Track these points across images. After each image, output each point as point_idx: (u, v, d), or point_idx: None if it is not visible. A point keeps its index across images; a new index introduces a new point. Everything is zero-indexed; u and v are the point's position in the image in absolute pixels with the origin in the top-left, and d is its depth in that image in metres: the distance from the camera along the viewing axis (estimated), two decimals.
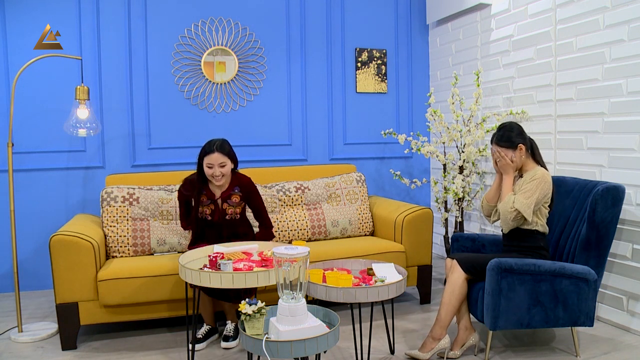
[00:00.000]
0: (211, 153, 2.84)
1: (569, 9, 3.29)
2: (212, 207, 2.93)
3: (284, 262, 1.97)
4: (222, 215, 2.94)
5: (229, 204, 2.95)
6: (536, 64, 3.58)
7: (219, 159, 2.84)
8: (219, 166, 2.85)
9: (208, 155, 2.84)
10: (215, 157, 2.84)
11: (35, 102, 3.84)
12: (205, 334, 2.92)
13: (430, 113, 3.96)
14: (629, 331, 2.98)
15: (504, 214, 2.67)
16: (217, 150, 2.84)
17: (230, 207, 2.95)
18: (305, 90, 4.45)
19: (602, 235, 2.65)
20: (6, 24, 3.76)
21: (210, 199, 2.93)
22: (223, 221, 2.96)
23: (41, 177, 3.89)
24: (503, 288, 2.51)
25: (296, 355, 1.89)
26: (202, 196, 2.93)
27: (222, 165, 2.86)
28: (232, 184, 2.99)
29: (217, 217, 2.94)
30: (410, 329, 3.10)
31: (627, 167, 2.96)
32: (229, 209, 2.94)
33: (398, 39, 4.72)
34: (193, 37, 4.13)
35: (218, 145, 2.86)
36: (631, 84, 2.92)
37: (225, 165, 2.87)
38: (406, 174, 4.75)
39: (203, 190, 2.94)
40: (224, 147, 2.87)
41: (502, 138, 2.74)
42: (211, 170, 2.85)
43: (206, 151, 2.86)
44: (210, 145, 2.86)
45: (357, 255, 3.25)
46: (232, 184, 2.99)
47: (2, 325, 3.22)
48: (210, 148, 2.85)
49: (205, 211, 2.92)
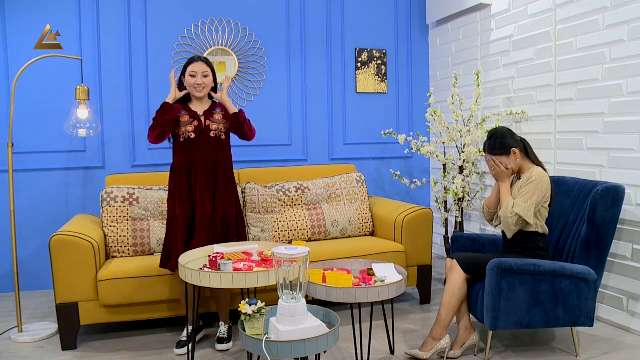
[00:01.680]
0: (195, 62, 2.85)
1: (569, 9, 3.29)
2: (196, 124, 2.84)
3: (284, 262, 1.97)
4: (207, 132, 2.84)
5: (212, 120, 2.87)
6: (536, 64, 3.58)
7: (203, 67, 2.85)
8: (202, 75, 2.84)
9: (192, 64, 2.84)
10: (199, 66, 2.84)
11: (35, 102, 3.84)
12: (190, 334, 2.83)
13: (430, 113, 3.96)
14: (629, 331, 2.98)
15: (505, 220, 2.66)
16: (200, 60, 2.86)
17: (214, 123, 2.87)
18: (305, 91, 4.45)
19: (602, 236, 2.65)
20: (6, 24, 3.76)
21: (193, 116, 2.85)
22: (208, 139, 2.85)
23: (41, 177, 3.89)
24: (503, 288, 2.51)
25: (296, 355, 1.89)
26: (182, 117, 2.84)
27: (205, 74, 2.85)
28: (214, 104, 2.96)
29: (200, 132, 2.83)
30: (410, 329, 3.10)
31: (627, 167, 2.96)
32: (212, 124, 2.86)
33: (398, 39, 4.73)
34: (193, 37, 4.13)
35: (202, 57, 2.89)
36: (631, 84, 2.92)
37: (208, 75, 2.87)
38: (406, 174, 4.75)
39: (182, 110, 2.87)
40: (207, 60, 2.90)
41: (494, 146, 2.73)
42: (194, 79, 2.83)
43: (190, 61, 2.87)
44: (194, 57, 2.89)
45: (357, 255, 3.25)
46: (214, 104, 2.96)
47: (2, 325, 3.22)
48: (194, 58, 2.87)
49: (188, 129, 2.82)
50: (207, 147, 2.85)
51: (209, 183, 2.85)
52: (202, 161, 2.83)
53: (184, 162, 2.84)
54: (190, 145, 2.83)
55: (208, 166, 2.84)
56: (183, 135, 2.82)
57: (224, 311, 2.98)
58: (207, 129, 2.85)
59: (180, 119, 2.83)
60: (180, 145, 2.85)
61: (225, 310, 2.99)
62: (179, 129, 2.83)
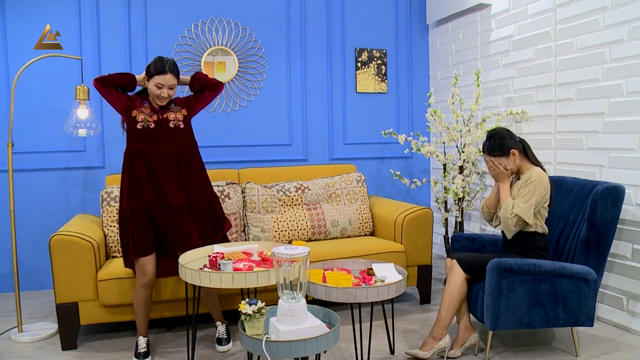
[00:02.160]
0: (164, 74, 2.66)
1: (569, 9, 3.29)
2: (155, 118, 2.74)
3: (284, 262, 1.97)
4: (166, 123, 2.75)
5: (171, 110, 2.79)
6: (536, 64, 3.58)
7: (171, 81, 2.69)
8: (168, 88, 2.71)
9: (160, 76, 2.66)
10: (168, 79, 2.67)
11: (35, 102, 3.84)
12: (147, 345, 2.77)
13: (430, 113, 3.96)
14: (629, 331, 2.98)
15: (504, 221, 2.66)
16: (170, 71, 2.67)
17: (172, 112, 2.77)
18: (305, 90, 4.46)
19: (602, 235, 2.65)
20: (6, 24, 3.76)
21: (153, 110, 2.76)
22: (168, 129, 2.75)
23: (41, 177, 3.89)
24: (503, 288, 2.51)
25: (296, 355, 1.89)
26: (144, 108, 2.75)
27: (171, 87, 2.71)
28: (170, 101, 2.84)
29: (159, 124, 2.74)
30: (410, 329, 3.10)
31: (627, 167, 2.96)
32: (170, 114, 2.76)
33: (398, 39, 4.73)
34: (193, 37, 4.13)
35: (171, 66, 2.69)
36: (631, 84, 2.92)
37: (174, 87, 2.74)
38: (406, 174, 4.75)
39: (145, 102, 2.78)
40: (176, 69, 2.72)
41: (492, 147, 2.73)
42: (159, 90, 2.69)
43: (158, 70, 2.67)
44: (163, 65, 2.67)
45: (357, 255, 3.25)
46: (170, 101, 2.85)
47: (2, 325, 3.22)
48: (164, 68, 2.66)
49: (148, 119, 2.71)
50: (167, 138, 2.76)
51: (173, 173, 2.76)
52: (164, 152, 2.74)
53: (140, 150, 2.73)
54: (149, 135, 2.73)
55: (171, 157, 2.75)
56: (142, 122, 2.71)
57: (217, 310, 2.97)
58: (165, 120, 2.76)
59: (141, 109, 2.73)
60: (137, 132, 2.73)
61: (217, 309, 2.97)
62: (137, 114, 2.72)
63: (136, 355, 2.70)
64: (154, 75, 2.69)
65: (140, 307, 2.77)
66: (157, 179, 2.73)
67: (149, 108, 2.76)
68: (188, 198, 2.80)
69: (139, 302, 2.76)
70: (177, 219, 2.77)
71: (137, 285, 2.75)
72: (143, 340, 2.75)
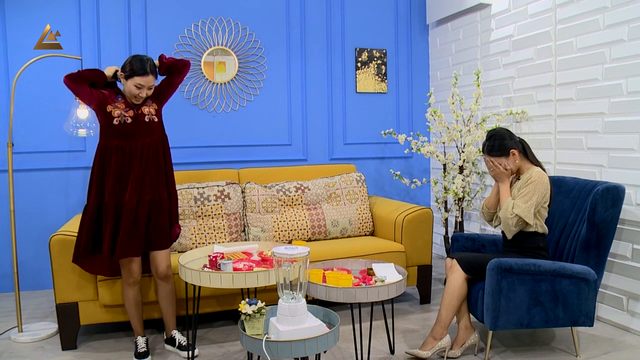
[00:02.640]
0: (145, 75, 2.61)
1: (569, 9, 3.29)
2: (132, 113, 2.69)
3: (284, 262, 1.97)
4: (142, 117, 2.71)
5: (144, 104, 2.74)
6: (536, 64, 3.58)
7: (151, 81, 2.65)
8: (147, 88, 2.68)
9: (141, 77, 2.61)
10: (148, 80, 2.63)
11: (35, 102, 3.84)
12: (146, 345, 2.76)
13: (430, 113, 3.96)
14: (629, 331, 2.98)
15: (505, 221, 2.66)
16: (151, 72, 2.63)
17: (145, 106, 2.73)
18: (305, 90, 4.46)
19: (602, 235, 2.65)
20: (6, 24, 3.76)
21: (128, 106, 2.70)
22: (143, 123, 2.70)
23: (41, 177, 3.89)
24: (503, 288, 2.51)
25: (296, 355, 1.89)
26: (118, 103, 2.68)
27: (150, 88, 2.67)
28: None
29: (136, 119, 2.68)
30: (410, 329, 3.10)
31: (627, 167, 2.96)
32: (144, 108, 2.72)
33: (398, 39, 4.73)
34: (193, 37, 4.13)
35: (151, 67, 2.64)
36: (631, 84, 2.92)
37: (152, 88, 2.69)
38: (406, 174, 4.76)
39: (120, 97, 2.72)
40: (155, 69, 2.67)
41: (492, 148, 2.73)
42: (138, 90, 2.63)
43: (138, 72, 2.61)
44: (144, 65, 2.62)
45: (357, 255, 3.25)
46: None
47: (2, 325, 3.22)
48: (144, 69, 2.61)
49: (125, 114, 2.66)
50: (143, 132, 2.71)
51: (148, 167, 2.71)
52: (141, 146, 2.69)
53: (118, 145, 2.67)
54: (126, 130, 2.67)
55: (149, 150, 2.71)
56: (118, 118, 2.65)
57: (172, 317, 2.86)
58: (141, 114, 2.71)
59: (116, 104, 2.68)
60: (114, 127, 2.66)
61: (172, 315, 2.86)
62: (112, 110, 2.66)
63: (136, 355, 2.70)
64: (133, 75, 2.62)
65: (131, 307, 2.76)
66: (134, 174, 2.66)
67: (123, 103, 2.69)
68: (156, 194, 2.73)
69: (130, 302, 2.75)
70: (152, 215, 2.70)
71: (124, 284, 2.74)
72: (142, 340, 2.75)
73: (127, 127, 2.67)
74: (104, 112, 2.66)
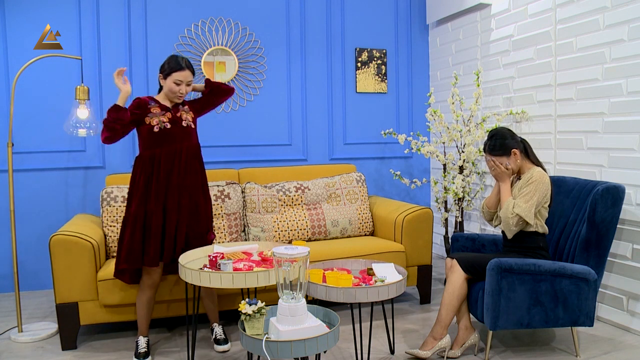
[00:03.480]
0: (182, 70, 2.73)
1: (569, 9, 3.29)
2: (169, 116, 2.77)
3: (284, 262, 1.97)
4: (180, 122, 2.78)
5: (183, 110, 2.83)
6: (536, 64, 3.58)
7: (189, 76, 2.76)
8: (185, 84, 2.77)
9: (179, 72, 2.73)
10: (186, 74, 2.75)
11: (35, 102, 3.84)
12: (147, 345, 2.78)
13: (430, 113, 3.96)
14: (629, 331, 2.98)
15: (505, 220, 2.66)
16: (187, 67, 2.75)
17: (184, 112, 2.82)
18: (305, 90, 4.46)
19: (602, 235, 2.65)
20: (6, 24, 3.76)
21: (164, 109, 2.78)
22: (180, 128, 2.78)
23: (41, 177, 3.89)
24: (503, 288, 2.51)
25: (296, 355, 1.89)
26: (152, 108, 2.75)
27: (189, 83, 2.78)
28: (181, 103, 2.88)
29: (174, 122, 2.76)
30: (410, 329, 3.10)
31: (627, 167, 2.96)
32: (183, 114, 2.81)
33: (398, 39, 4.73)
34: (193, 37, 4.13)
35: (187, 62, 2.76)
36: (631, 84, 2.92)
37: (190, 84, 2.81)
38: (406, 174, 4.76)
39: (152, 102, 2.79)
40: (191, 65, 2.79)
41: (494, 147, 2.73)
42: (178, 87, 2.75)
43: (175, 68, 2.73)
44: (179, 62, 2.74)
45: (357, 255, 3.25)
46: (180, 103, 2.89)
47: (2, 325, 3.22)
48: (180, 65, 2.73)
49: (163, 120, 2.73)
50: (183, 137, 2.79)
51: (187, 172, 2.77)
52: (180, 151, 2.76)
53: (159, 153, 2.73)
54: (166, 135, 2.75)
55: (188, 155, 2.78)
56: (158, 125, 2.73)
57: (215, 311, 2.97)
58: (179, 119, 2.78)
59: (150, 110, 2.74)
60: (155, 135, 2.73)
61: (216, 310, 2.97)
62: (150, 120, 2.73)
63: (136, 355, 2.70)
64: (171, 72, 2.73)
65: (142, 307, 2.77)
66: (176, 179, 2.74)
67: (158, 107, 2.77)
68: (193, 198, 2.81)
69: (142, 303, 2.77)
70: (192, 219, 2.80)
71: (143, 285, 2.76)
72: (143, 340, 2.76)
73: (168, 132, 2.75)
74: (144, 125, 2.74)
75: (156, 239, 2.70)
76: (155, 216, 2.70)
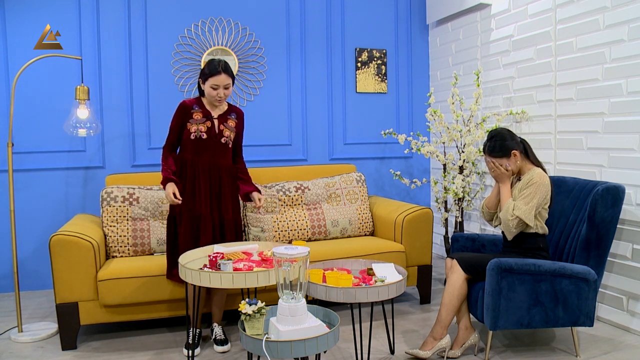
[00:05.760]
0: (218, 74, 2.75)
1: (569, 9, 3.29)
2: (208, 125, 2.83)
3: (284, 262, 1.97)
4: (219, 136, 2.85)
5: (226, 126, 2.87)
6: (536, 64, 3.58)
7: (225, 80, 2.77)
8: (223, 88, 2.79)
9: (215, 77, 2.75)
10: (222, 79, 2.76)
11: (35, 102, 3.84)
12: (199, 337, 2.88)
13: (430, 113, 3.96)
14: (629, 331, 2.98)
15: (505, 222, 2.66)
16: (223, 71, 2.76)
17: (227, 129, 2.87)
18: (305, 90, 4.46)
19: (602, 235, 2.65)
20: (6, 24, 3.76)
21: (206, 116, 2.84)
22: (218, 143, 2.85)
23: (41, 177, 3.89)
24: (503, 288, 2.51)
25: (296, 355, 1.89)
26: (195, 114, 2.82)
27: (227, 87, 2.80)
28: (229, 110, 2.94)
29: (213, 135, 2.83)
30: (410, 329, 3.10)
31: (627, 167, 2.96)
32: (225, 130, 2.86)
33: (398, 39, 4.73)
34: (193, 37, 4.13)
35: (223, 66, 2.77)
36: (631, 84, 2.92)
37: (229, 87, 2.82)
38: (406, 174, 4.76)
39: (196, 106, 2.84)
40: (228, 68, 2.79)
41: (494, 148, 2.72)
42: (216, 91, 2.78)
43: (212, 72, 2.76)
44: (216, 66, 2.76)
45: (357, 255, 3.25)
46: (229, 109, 2.94)
47: (2, 325, 3.22)
48: (217, 69, 2.75)
49: (200, 129, 2.80)
50: (216, 151, 2.86)
51: (213, 187, 2.86)
52: (209, 164, 2.84)
53: (191, 160, 2.84)
54: (200, 145, 2.83)
55: (213, 170, 2.85)
56: (195, 133, 2.81)
57: (220, 312, 2.99)
58: (220, 134, 2.86)
59: (192, 115, 2.83)
60: (190, 142, 2.84)
61: (221, 310, 2.99)
62: (190, 126, 2.82)
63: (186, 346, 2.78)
64: (207, 77, 2.77)
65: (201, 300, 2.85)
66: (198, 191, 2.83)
67: (200, 113, 2.84)
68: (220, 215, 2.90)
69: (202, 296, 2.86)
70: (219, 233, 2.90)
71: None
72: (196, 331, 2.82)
73: (200, 143, 2.83)
74: (186, 129, 2.85)
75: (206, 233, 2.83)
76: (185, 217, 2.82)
